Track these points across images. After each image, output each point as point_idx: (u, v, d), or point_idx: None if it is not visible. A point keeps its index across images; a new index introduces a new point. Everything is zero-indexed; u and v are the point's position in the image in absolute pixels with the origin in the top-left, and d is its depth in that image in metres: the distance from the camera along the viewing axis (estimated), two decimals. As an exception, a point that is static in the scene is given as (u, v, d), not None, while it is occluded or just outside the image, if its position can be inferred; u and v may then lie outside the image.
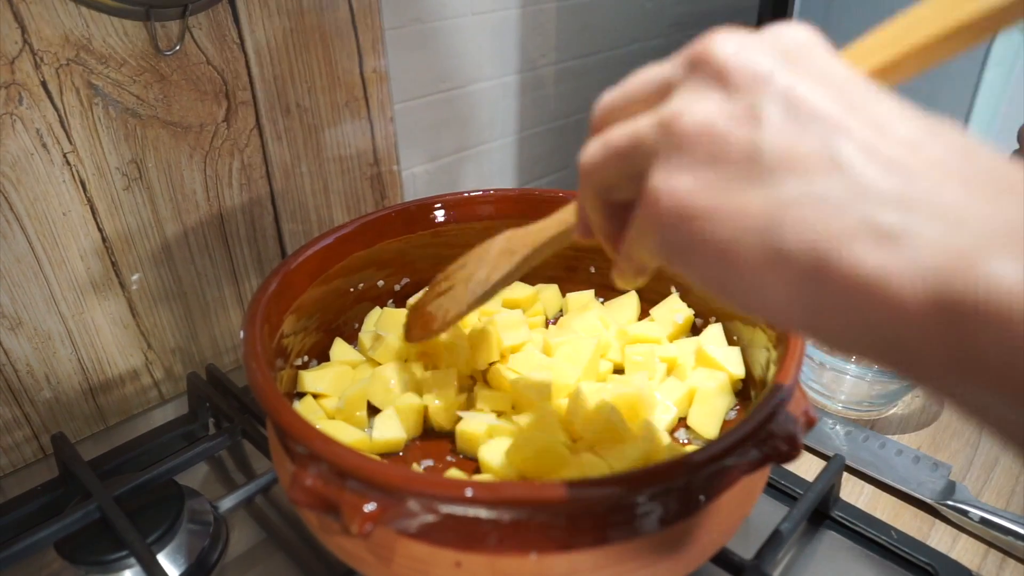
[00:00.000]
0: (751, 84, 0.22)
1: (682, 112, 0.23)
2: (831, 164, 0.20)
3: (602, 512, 0.33)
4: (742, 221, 0.21)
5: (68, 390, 0.58)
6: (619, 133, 0.26)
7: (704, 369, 0.50)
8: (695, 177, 0.22)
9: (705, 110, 0.22)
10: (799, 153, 0.20)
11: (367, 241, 0.55)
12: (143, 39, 0.53)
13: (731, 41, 0.23)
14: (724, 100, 0.22)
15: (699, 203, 0.22)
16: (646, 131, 0.24)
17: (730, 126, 0.22)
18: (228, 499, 0.49)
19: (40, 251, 0.53)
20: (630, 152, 0.25)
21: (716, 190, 0.22)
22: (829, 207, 0.19)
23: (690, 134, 0.22)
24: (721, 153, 0.22)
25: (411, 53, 0.76)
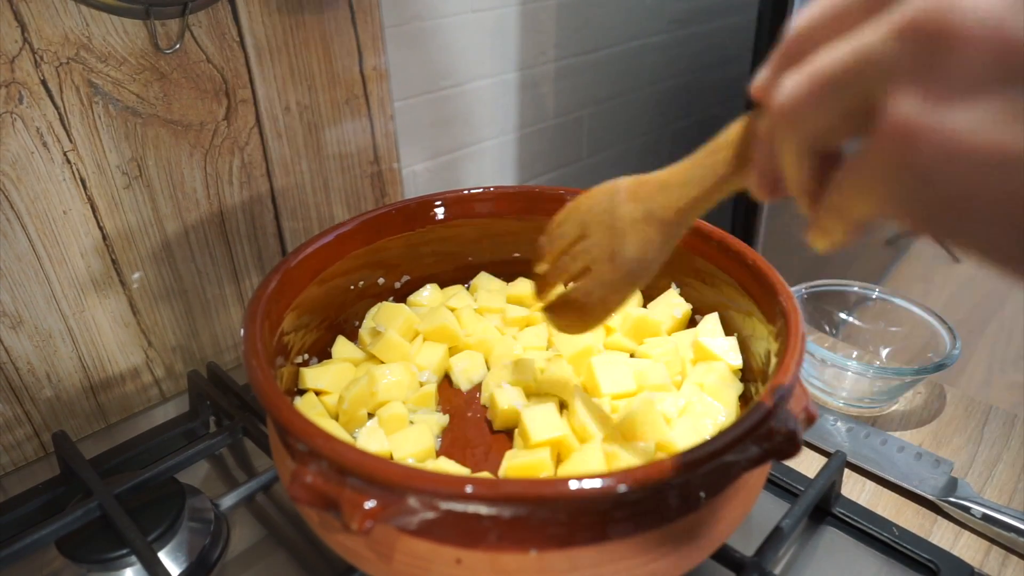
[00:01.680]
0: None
1: (949, 6, 0.16)
2: None
3: (602, 509, 0.33)
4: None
5: (69, 388, 0.58)
6: (835, 56, 0.19)
7: (703, 363, 0.50)
8: (982, 106, 0.16)
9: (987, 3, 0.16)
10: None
11: (367, 239, 0.55)
12: (143, 37, 0.53)
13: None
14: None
15: (991, 144, 0.16)
16: (882, 44, 0.18)
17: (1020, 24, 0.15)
18: (229, 497, 0.49)
19: (41, 249, 0.53)
20: (857, 78, 0.19)
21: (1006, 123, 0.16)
22: None
23: (968, 38, 0.16)
24: (1015, 65, 0.15)
25: (411, 51, 0.76)
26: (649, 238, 0.34)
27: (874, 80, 0.18)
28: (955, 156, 0.16)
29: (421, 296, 0.58)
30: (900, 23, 0.17)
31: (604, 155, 1.08)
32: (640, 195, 0.35)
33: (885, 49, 0.18)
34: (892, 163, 0.18)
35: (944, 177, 0.17)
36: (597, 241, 0.37)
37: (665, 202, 0.34)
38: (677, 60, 1.12)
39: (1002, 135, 0.16)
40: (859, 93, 0.19)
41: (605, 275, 0.37)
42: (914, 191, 0.18)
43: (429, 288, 0.59)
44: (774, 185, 0.25)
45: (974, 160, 0.16)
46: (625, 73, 1.04)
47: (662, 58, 1.09)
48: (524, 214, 0.59)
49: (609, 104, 1.04)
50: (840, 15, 0.20)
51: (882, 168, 0.19)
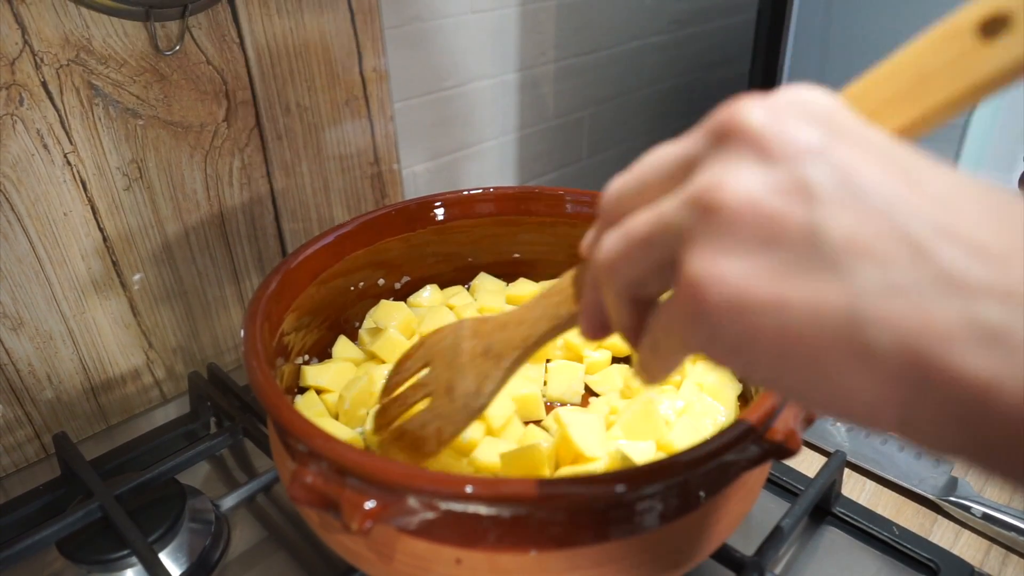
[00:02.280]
0: (794, 154, 0.19)
1: (718, 186, 0.20)
2: (909, 249, 0.18)
3: (602, 509, 0.33)
4: (817, 313, 0.19)
5: (70, 390, 0.58)
6: (641, 220, 0.23)
7: (703, 363, 0.50)
8: (748, 262, 0.19)
9: (747, 183, 0.20)
10: (868, 235, 0.18)
11: (367, 240, 0.55)
12: (143, 39, 0.53)
13: (760, 107, 0.21)
14: (766, 172, 0.20)
15: (760, 293, 0.19)
16: (675, 213, 0.22)
17: (780, 201, 0.19)
18: (229, 498, 0.49)
19: (41, 251, 0.53)
20: (658, 239, 0.22)
21: (778, 277, 0.19)
22: (920, 300, 0.17)
23: (733, 210, 0.20)
24: (776, 233, 0.19)
25: (411, 52, 0.76)
26: (486, 373, 0.36)
27: (672, 240, 0.22)
28: (732, 303, 0.20)
29: (421, 297, 0.58)
30: (688, 195, 0.21)
31: (604, 155, 1.08)
32: (481, 332, 0.37)
33: (678, 216, 0.22)
34: (689, 310, 0.21)
35: (727, 321, 0.20)
36: (438, 375, 0.39)
37: (504, 339, 0.35)
38: (677, 60, 1.12)
39: (766, 287, 0.19)
40: (663, 250, 0.22)
41: (442, 407, 0.38)
42: (708, 334, 0.21)
43: (429, 289, 0.59)
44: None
45: (747, 307, 0.20)
46: (625, 73, 1.04)
47: (662, 58, 1.09)
48: (524, 215, 0.60)
49: (609, 104, 1.04)
50: (647, 186, 0.24)
51: (681, 314, 0.22)
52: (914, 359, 0.18)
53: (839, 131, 0.20)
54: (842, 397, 0.19)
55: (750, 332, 0.20)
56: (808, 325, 0.19)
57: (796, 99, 0.21)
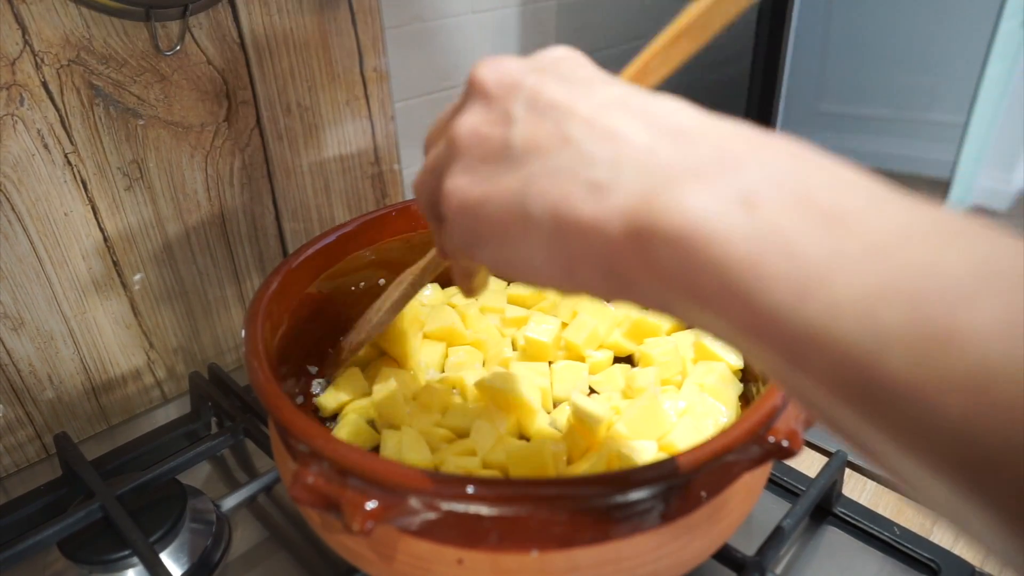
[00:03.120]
0: (505, 93, 0.26)
1: (456, 125, 0.27)
2: (562, 141, 0.24)
3: (603, 509, 0.33)
4: (503, 200, 0.25)
5: (71, 390, 0.58)
6: (428, 157, 0.31)
7: (704, 363, 0.50)
8: (470, 174, 0.27)
9: (472, 120, 0.27)
10: (539, 137, 0.25)
11: (368, 240, 0.55)
12: (143, 39, 0.53)
13: (491, 64, 0.27)
14: (486, 110, 0.27)
15: (474, 193, 0.26)
16: (439, 149, 0.29)
17: (489, 129, 0.26)
18: (230, 498, 0.49)
19: (42, 251, 0.53)
20: (433, 169, 0.30)
21: (485, 180, 0.26)
22: (560, 174, 0.24)
23: (462, 141, 0.27)
24: (485, 151, 0.26)
25: (412, 51, 0.76)
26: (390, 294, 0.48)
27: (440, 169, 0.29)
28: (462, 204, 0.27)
29: (423, 295, 0.58)
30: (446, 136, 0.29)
31: (605, 155, 1.08)
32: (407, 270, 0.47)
33: (440, 152, 0.29)
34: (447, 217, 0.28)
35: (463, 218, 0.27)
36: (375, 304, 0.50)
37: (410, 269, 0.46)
38: (677, 60, 1.12)
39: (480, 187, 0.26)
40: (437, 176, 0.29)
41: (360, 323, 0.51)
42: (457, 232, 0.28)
43: (430, 288, 0.59)
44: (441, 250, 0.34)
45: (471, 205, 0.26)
46: (625, 73, 1.04)
47: (662, 58, 1.09)
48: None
49: (609, 104, 1.04)
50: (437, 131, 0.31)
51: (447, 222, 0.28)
52: (555, 217, 0.23)
53: (544, 69, 0.26)
54: (525, 263, 0.26)
55: (472, 223, 0.27)
56: (500, 210, 0.25)
57: (536, 55, 0.28)
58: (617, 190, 0.22)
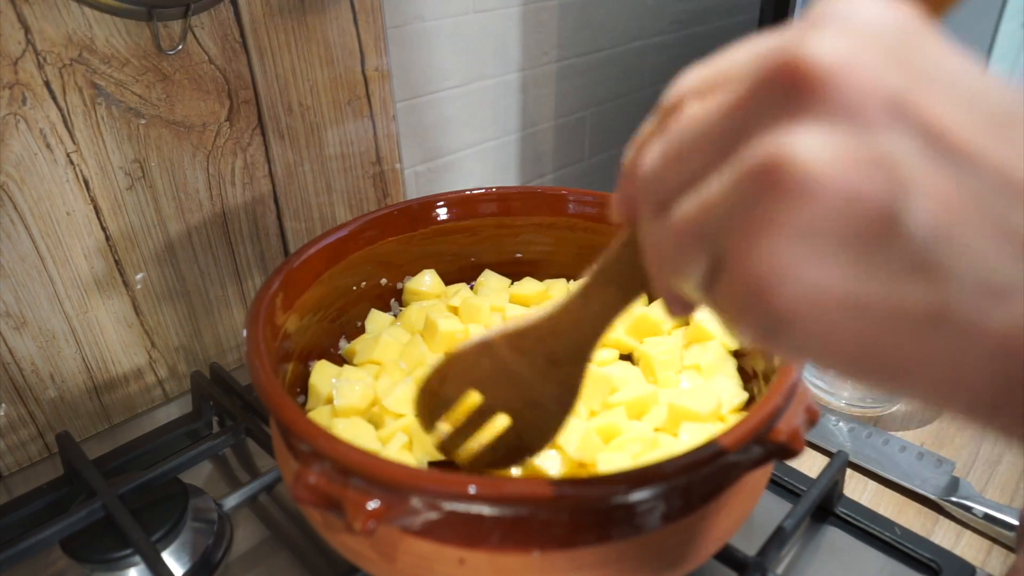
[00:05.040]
0: (873, 112, 0.16)
1: (779, 158, 0.16)
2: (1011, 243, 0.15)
3: (605, 510, 0.33)
4: (901, 316, 0.16)
5: (73, 389, 0.58)
6: (685, 211, 0.19)
7: (697, 346, 0.51)
8: (819, 255, 0.16)
9: (816, 155, 0.16)
10: (963, 224, 0.15)
11: (370, 239, 0.55)
12: (146, 39, 0.53)
13: (828, 44, 0.16)
14: (840, 139, 0.16)
15: (833, 292, 0.16)
16: (726, 196, 0.18)
17: (858, 179, 0.16)
18: (232, 497, 0.49)
19: (44, 250, 0.53)
20: (708, 234, 0.19)
21: (855, 273, 0.16)
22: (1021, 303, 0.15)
23: (799, 190, 0.16)
24: (852, 220, 0.16)
25: (413, 51, 0.76)
26: (564, 377, 0.35)
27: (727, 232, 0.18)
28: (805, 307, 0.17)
29: (423, 283, 0.58)
30: (741, 174, 0.17)
31: (606, 155, 1.08)
32: (526, 347, 0.35)
33: (728, 200, 0.18)
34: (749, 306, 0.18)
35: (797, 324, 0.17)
36: (502, 397, 0.38)
37: (565, 346, 0.34)
38: (679, 60, 1.12)
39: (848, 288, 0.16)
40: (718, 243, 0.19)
41: (530, 419, 0.38)
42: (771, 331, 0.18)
43: (429, 274, 0.59)
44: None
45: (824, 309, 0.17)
46: (627, 73, 1.04)
47: (664, 58, 1.09)
48: (525, 214, 0.60)
49: (611, 105, 1.04)
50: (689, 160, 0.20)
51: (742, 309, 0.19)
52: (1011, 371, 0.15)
53: (923, 72, 0.16)
54: (924, 390, 0.17)
55: (819, 332, 0.17)
56: (891, 328, 0.16)
57: (865, 23, 0.17)
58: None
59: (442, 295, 0.58)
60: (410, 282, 0.58)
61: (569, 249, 0.60)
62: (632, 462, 0.42)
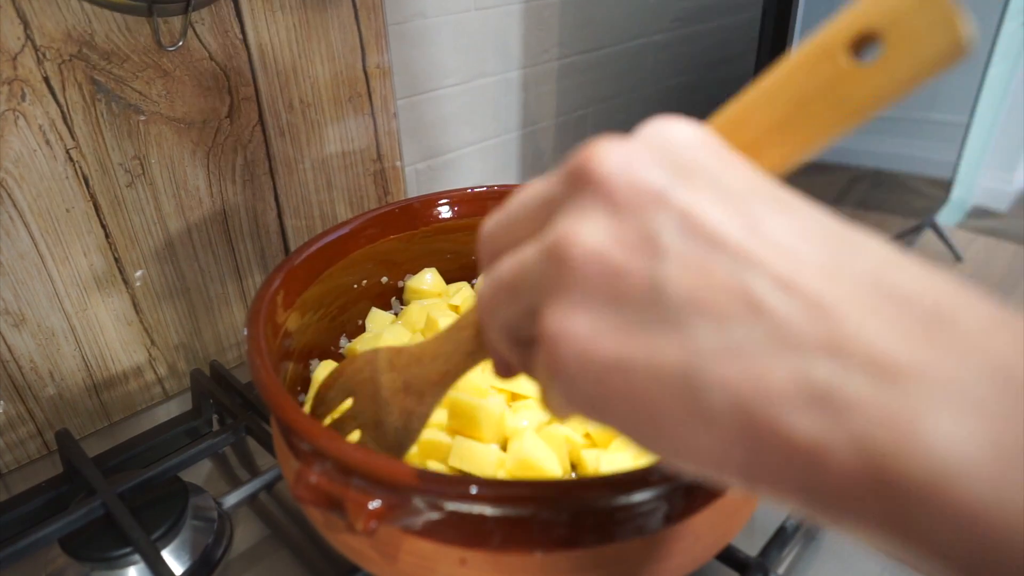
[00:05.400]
0: (641, 203, 0.19)
1: (567, 238, 0.20)
2: (747, 305, 0.17)
3: (607, 510, 0.33)
4: (657, 372, 0.18)
5: (72, 387, 0.58)
6: (506, 267, 0.23)
7: None
8: (594, 318, 0.19)
9: (594, 237, 0.19)
10: (708, 290, 0.18)
11: (371, 237, 0.55)
12: (146, 35, 0.53)
13: (613, 151, 0.20)
14: (613, 224, 0.19)
15: (604, 351, 0.19)
16: (532, 262, 0.21)
17: (625, 256, 0.19)
18: (232, 496, 0.49)
19: (43, 248, 0.53)
20: (519, 288, 0.22)
21: (621, 334, 0.19)
22: (752, 358, 0.17)
23: (580, 266, 0.19)
24: (620, 290, 0.19)
25: (414, 48, 0.76)
26: (408, 408, 0.36)
27: (532, 291, 0.22)
28: (583, 360, 0.20)
29: (424, 281, 0.58)
30: (544, 245, 0.21)
31: (607, 153, 1.08)
32: (397, 365, 0.36)
33: (536, 266, 0.21)
34: (546, 364, 0.21)
35: (580, 378, 0.20)
36: (363, 408, 0.38)
37: (420, 374, 0.35)
38: (681, 58, 1.12)
39: (613, 344, 0.19)
40: (527, 298, 0.22)
41: (373, 441, 0.38)
42: (565, 388, 0.21)
43: (430, 273, 0.59)
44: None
45: (598, 364, 0.19)
46: (628, 71, 1.04)
47: (666, 56, 1.09)
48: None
49: (612, 102, 1.04)
50: (516, 226, 0.24)
51: (548, 370, 0.21)
52: (748, 421, 0.17)
53: (691, 172, 0.20)
54: (688, 453, 0.19)
55: (600, 388, 0.20)
56: (649, 384, 0.19)
57: (656, 137, 0.21)
58: (848, 405, 0.16)
59: (443, 293, 0.58)
60: (411, 280, 0.58)
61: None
62: (634, 463, 0.42)
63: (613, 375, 0.19)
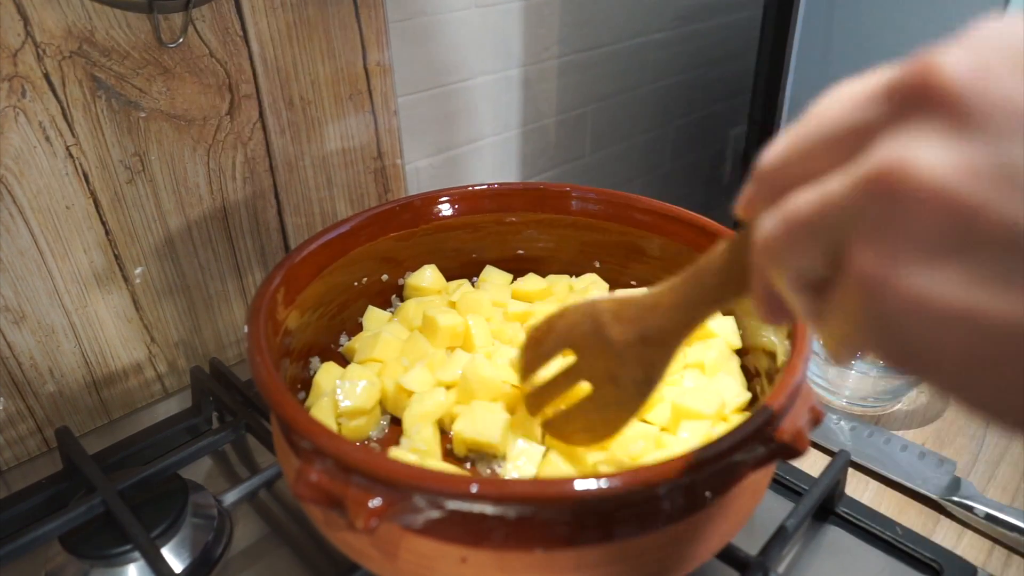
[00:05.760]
0: (1002, 124, 0.16)
1: (901, 165, 0.16)
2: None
3: (608, 509, 0.33)
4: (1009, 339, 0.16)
5: (72, 384, 0.58)
6: (804, 203, 0.20)
7: (699, 343, 0.50)
8: (935, 265, 0.16)
9: (939, 163, 0.16)
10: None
11: (371, 235, 0.55)
12: (146, 32, 0.53)
13: (961, 59, 0.16)
14: (967, 149, 0.16)
15: (949, 302, 0.16)
16: (845, 196, 0.18)
17: (980, 190, 0.15)
18: (232, 493, 0.49)
19: (43, 244, 0.53)
20: (824, 227, 0.19)
21: (972, 285, 0.16)
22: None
23: (919, 199, 0.16)
24: (972, 232, 0.16)
25: (415, 46, 0.76)
26: (650, 360, 0.35)
27: (840, 229, 0.19)
28: (915, 311, 0.17)
29: (424, 278, 0.58)
30: (861, 178, 0.18)
31: (607, 152, 1.08)
32: (626, 317, 0.36)
33: (848, 202, 0.18)
34: (859, 308, 0.18)
35: (908, 328, 0.17)
36: (591, 364, 0.38)
37: (659, 325, 0.34)
38: (681, 56, 1.11)
39: (958, 297, 0.16)
40: (830, 239, 0.19)
41: (608, 397, 0.38)
42: (883, 337, 0.18)
43: (430, 270, 0.58)
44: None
45: (934, 317, 0.17)
46: (629, 69, 1.04)
47: (666, 54, 1.08)
48: (528, 211, 0.59)
49: (613, 101, 1.04)
50: (812, 156, 0.20)
51: (852, 311, 0.19)
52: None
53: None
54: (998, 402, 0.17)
55: (932, 341, 0.17)
56: (1006, 340, 0.16)
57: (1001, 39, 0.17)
58: None
59: (443, 290, 0.58)
60: (411, 278, 0.58)
61: (571, 246, 0.60)
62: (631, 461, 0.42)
63: (954, 327, 0.17)
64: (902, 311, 0.17)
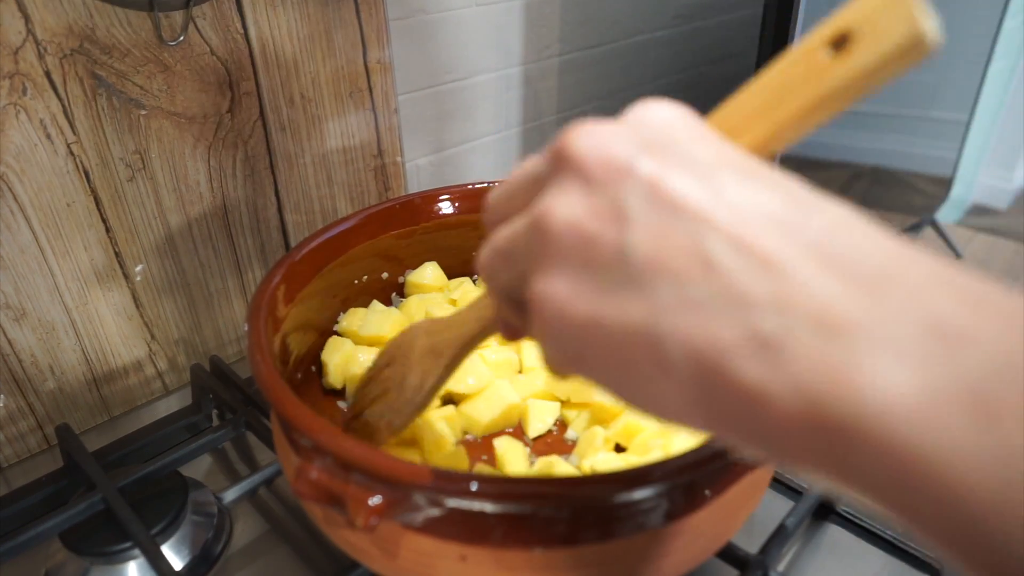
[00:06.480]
0: (612, 177, 0.21)
1: (547, 212, 0.22)
2: (702, 264, 0.19)
3: (607, 508, 0.33)
4: (623, 328, 0.20)
5: (72, 381, 0.58)
6: (502, 236, 0.25)
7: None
8: (571, 281, 0.21)
9: (571, 209, 0.21)
10: (668, 252, 0.20)
11: (371, 233, 0.55)
12: (147, 29, 0.53)
13: (588, 133, 0.22)
14: (587, 198, 0.21)
15: (580, 310, 0.21)
16: (522, 233, 0.24)
17: (596, 226, 0.21)
18: (232, 491, 0.49)
19: (44, 242, 0.53)
20: (512, 255, 0.25)
21: (593, 295, 0.21)
22: (706, 313, 0.19)
23: (558, 235, 0.22)
24: (592, 255, 0.21)
25: (415, 44, 0.76)
26: (428, 369, 0.39)
27: (522, 258, 0.24)
28: (563, 321, 0.22)
29: (424, 275, 0.58)
30: (530, 218, 0.23)
31: (607, 150, 1.08)
32: (432, 331, 0.40)
33: (523, 237, 0.24)
34: (535, 324, 0.23)
35: (563, 335, 0.22)
36: (393, 371, 0.42)
37: (446, 338, 0.38)
38: (682, 55, 1.11)
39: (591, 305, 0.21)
40: (519, 264, 0.24)
41: (394, 401, 0.41)
42: (552, 346, 0.23)
43: (431, 267, 0.58)
44: (511, 331, 0.30)
45: (578, 324, 0.21)
46: (629, 68, 1.04)
47: (667, 53, 1.08)
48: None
49: (613, 99, 1.04)
50: (513, 198, 0.26)
51: (537, 330, 0.23)
52: (702, 370, 0.19)
53: (662, 146, 0.21)
54: (655, 402, 0.21)
55: (579, 345, 0.22)
56: (620, 339, 0.20)
57: (635, 117, 0.23)
58: (791, 353, 0.17)
59: (444, 288, 0.58)
60: (412, 275, 0.58)
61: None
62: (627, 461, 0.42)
63: (590, 332, 0.21)
64: (553, 321, 0.22)
